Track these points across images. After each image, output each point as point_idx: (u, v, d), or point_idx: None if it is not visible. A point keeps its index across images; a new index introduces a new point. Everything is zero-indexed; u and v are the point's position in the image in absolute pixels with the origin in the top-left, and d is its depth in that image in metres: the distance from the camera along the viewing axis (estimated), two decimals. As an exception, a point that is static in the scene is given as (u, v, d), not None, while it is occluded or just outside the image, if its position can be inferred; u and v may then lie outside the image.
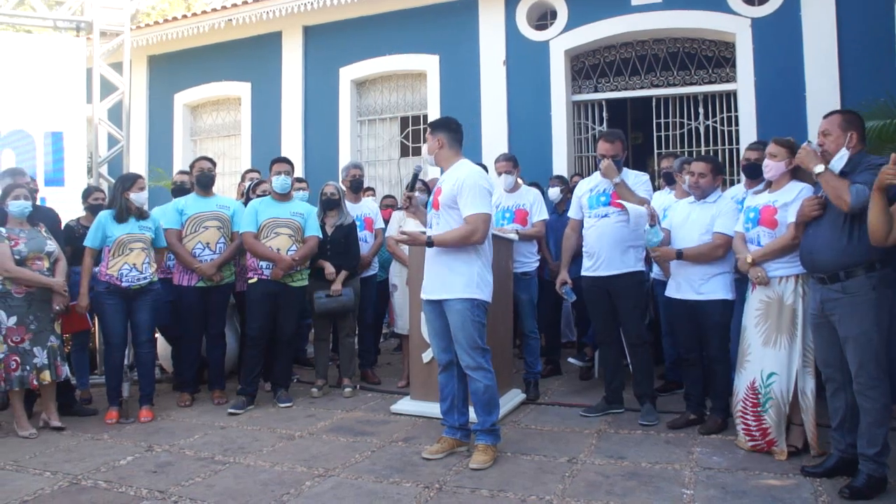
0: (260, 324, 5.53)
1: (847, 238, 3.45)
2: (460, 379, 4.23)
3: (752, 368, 4.09)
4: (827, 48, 7.66)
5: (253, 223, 5.55)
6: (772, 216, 4.04)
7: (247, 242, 5.54)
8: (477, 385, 4.06)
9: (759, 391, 4.05)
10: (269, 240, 5.52)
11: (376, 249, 6.47)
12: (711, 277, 4.49)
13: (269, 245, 5.50)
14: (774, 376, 3.99)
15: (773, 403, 4.01)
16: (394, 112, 10.31)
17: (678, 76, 8.74)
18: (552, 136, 8.93)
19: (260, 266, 5.53)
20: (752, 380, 4.09)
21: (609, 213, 4.91)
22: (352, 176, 6.50)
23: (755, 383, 4.07)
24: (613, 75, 9.05)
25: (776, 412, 4.00)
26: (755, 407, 4.07)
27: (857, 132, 3.58)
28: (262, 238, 5.52)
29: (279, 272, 5.49)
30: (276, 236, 5.54)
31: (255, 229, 5.53)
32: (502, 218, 5.77)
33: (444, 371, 4.27)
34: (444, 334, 4.17)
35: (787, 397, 3.98)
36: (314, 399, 5.79)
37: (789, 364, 3.97)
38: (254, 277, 5.57)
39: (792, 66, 7.82)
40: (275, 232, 5.54)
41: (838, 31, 7.64)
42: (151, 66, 11.80)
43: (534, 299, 5.80)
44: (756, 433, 4.09)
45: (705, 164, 4.64)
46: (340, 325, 6.08)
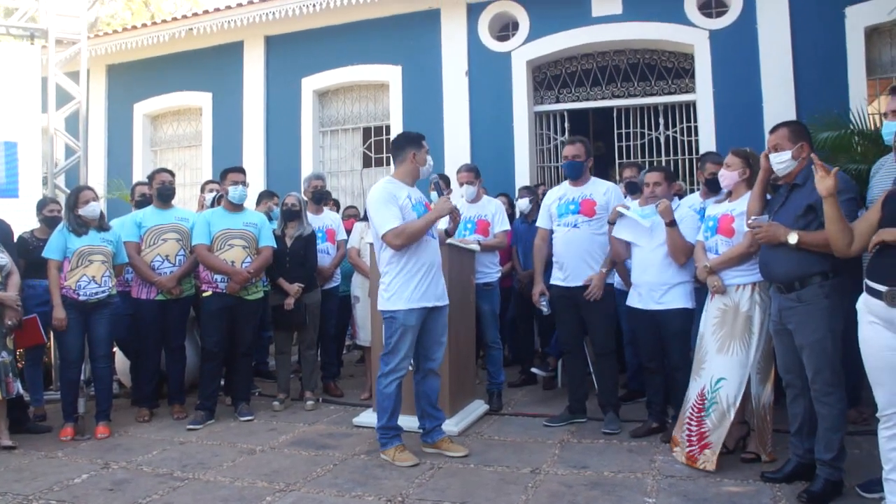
0: (216, 338, 5.46)
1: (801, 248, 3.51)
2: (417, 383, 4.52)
3: (705, 375, 4.12)
4: (782, 60, 7.82)
5: (206, 235, 5.47)
6: (729, 225, 4.10)
7: (200, 255, 5.46)
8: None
9: (706, 397, 4.07)
10: (222, 252, 5.46)
11: (338, 261, 6.43)
12: (672, 287, 4.54)
13: (223, 258, 5.44)
14: (722, 381, 4.01)
15: (716, 408, 4.01)
16: (356, 123, 10.27)
17: (638, 87, 8.84)
18: (514, 147, 8.96)
19: (215, 279, 5.46)
20: (702, 387, 4.12)
21: (578, 223, 4.92)
22: (314, 187, 6.46)
23: (704, 389, 4.09)
24: (575, 86, 9.12)
25: (718, 416, 4.00)
26: (700, 412, 4.09)
27: (806, 142, 3.67)
28: (215, 250, 5.46)
29: (235, 286, 5.44)
30: (229, 248, 5.48)
31: (208, 241, 5.46)
32: (464, 229, 5.75)
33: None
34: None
35: (733, 402, 3.97)
36: (276, 412, 5.73)
37: (741, 370, 3.99)
38: (208, 291, 5.50)
39: (749, 78, 7.96)
40: (228, 244, 5.48)
41: (793, 43, 7.79)
42: (110, 75, 11.61)
43: (496, 310, 5.80)
44: (694, 437, 4.08)
45: (658, 174, 4.72)
46: (301, 338, 6.03)
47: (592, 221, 4.88)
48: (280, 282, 5.80)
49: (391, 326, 4.27)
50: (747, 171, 4.08)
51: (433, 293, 4.33)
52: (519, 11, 9.05)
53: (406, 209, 4.28)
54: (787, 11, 7.85)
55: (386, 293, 4.28)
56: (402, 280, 4.24)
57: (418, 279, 4.25)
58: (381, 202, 4.26)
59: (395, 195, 4.29)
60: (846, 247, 3.25)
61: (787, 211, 3.65)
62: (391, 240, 4.20)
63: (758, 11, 7.98)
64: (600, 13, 8.63)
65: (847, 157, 6.00)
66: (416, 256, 4.27)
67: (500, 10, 9.15)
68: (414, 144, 4.45)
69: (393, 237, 4.18)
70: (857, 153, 6.09)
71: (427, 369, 4.46)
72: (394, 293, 4.25)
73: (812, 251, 3.46)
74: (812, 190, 3.46)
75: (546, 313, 5.09)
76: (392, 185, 4.37)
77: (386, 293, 4.28)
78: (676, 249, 4.47)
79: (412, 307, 4.23)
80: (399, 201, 4.27)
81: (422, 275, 4.27)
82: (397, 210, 4.23)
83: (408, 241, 4.20)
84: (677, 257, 4.49)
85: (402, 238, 4.18)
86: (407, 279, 4.24)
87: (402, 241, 4.19)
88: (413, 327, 4.25)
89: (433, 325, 4.40)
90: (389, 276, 4.28)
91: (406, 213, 4.26)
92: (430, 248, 4.35)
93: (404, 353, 4.27)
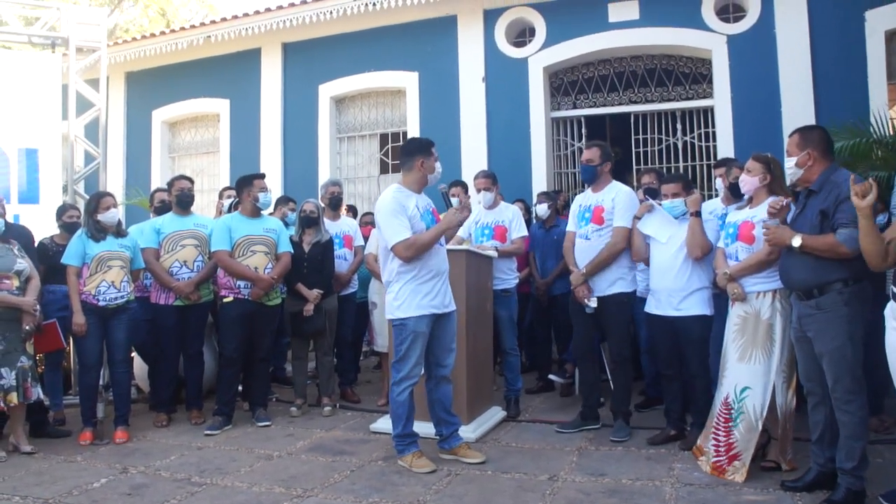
0: (236, 344, 5.48)
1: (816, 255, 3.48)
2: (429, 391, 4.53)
3: (728, 384, 4.08)
4: (801, 64, 7.78)
5: (227, 241, 5.48)
6: (749, 231, 4.07)
7: (223, 262, 5.47)
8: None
9: (731, 406, 4.04)
10: (245, 258, 5.48)
11: (355, 267, 6.45)
12: (690, 293, 4.52)
13: (245, 263, 5.46)
14: (748, 391, 3.98)
15: (744, 418, 3.98)
16: (373, 129, 10.31)
17: (656, 92, 8.83)
18: (531, 153, 8.97)
19: (238, 285, 5.47)
20: (725, 395, 4.09)
21: (589, 234, 4.93)
22: (331, 193, 6.49)
23: (728, 398, 4.06)
24: (592, 92, 9.12)
25: (746, 427, 3.97)
26: (727, 422, 4.05)
27: (816, 149, 3.62)
28: (237, 256, 5.48)
29: (260, 292, 5.47)
30: (252, 254, 5.50)
31: (229, 247, 5.47)
32: (481, 235, 5.77)
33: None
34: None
35: (759, 412, 3.94)
36: (293, 418, 5.74)
37: (764, 379, 3.95)
38: (229, 297, 5.51)
39: (767, 83, 7.92)
40: (251, 250, 5.50)
41: (812, 47, 7.75)
42: (129, 82, 11.75)
43: (513, 316, 5.80)
44: (722, 448, 4.05)
45: (676, 185, 4.66)
46: (319, 344, 6.05)
47: (603, 230, 4.88)
48: (299, 287, 5.82)
49: (401, 334, 4.29)
50: (768, 177, 4.06)
51: (441, 300, 4.34)
52: (536, 17, 9.07)
53: (415, 219, 4.28)
54: (805, 15, 7.81)
55: (395, 301, 4.30)
56: (412, 287, 4.25)
57: (428, 287, 4.27)
58: (390, 213, 4.26)
59: (404, 205, 4.28)
60: (881, 260, 3.19)
61: (805, 217, 3.63)
62: (401, 252, 4.20)
63: (776, 16, 7.96)
64: (617, 19, 8.64)
65: (867, 165, 5.96)
66: (426, 264, 4.28)
67: (516, 16, 9.17)
68: (423, 152, 4.43)
69: (403, 249, 4.19)
70: (878, 159, 6.05)
71: (439, 376, 4.46)
72: (403, 301, 4.26)
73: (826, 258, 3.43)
74: (826, 196, 3.45)
75: (592, 310, 4.90)
76: (401, 193, 4.36)
77: (395, 301, 4.30)
78: (695, 242, 4.46)
79: (423, 314, 4.24)
80: (408, 211, 4.27)
81: (431, 282, 4.28)
82: (406, 221, 4.23)
83: (418, 253, 4.22)
84: (693, 249, 4.46)
85: (413, 250, 4.20)
86: (416, 287, 4.25)
87: (412, 254, 4.21)
88: (423, 334, 4.26)
89: (442, 333, 4.40)
90: (398, 283, 4.29)
91: (415, 223, 4.26)
92: (438, 255, 4.37)
93: (415, 359, 4.28)
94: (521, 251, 5.92)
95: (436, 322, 4.34)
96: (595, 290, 4.88)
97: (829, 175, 3.54)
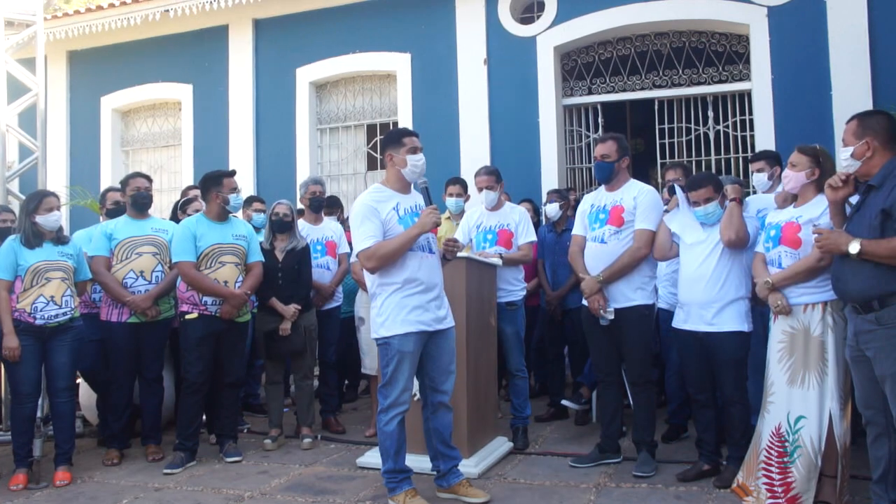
0: (201, 367, 5.40)
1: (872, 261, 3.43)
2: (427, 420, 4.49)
3: (777, 411, 4.04)
4: (856, 40, 7.71)
5: (191, 250, 5.38)
6: (795, 234, 4.03)
7: (187, 275, 5.37)
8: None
9: (785, 438, 3.99)
10: (213, 271, 5.42)
11: (340, 277, 6.43)
12: (724, 306, 4.46)
13: (214, 277, 5.41)
14: (803, 420, 3.93)
15: (801, 453, 3.93)
16: (359, 119, 10.31)
17: (684, 75, 8.81)
18: (540, 146, 8.96)
19: (203, 300, 5.41)
20: (777, 425, 4.04)
21: (606, 237, 4.88)
22: (311, 193, 6.45)
23: (781, 429, 4.01)
24: (610, 75, 9.11)
25: (805, 464, 3.92)
26: (781, 457, 4.00)
27: (877, 137, 3.56)
28: (204, 269, 5.41)
29: (232, 310, 5.43)
30: (221, 266, 5.44)
31: (194, 258, 5.39)
32: (483, 240, 5.74)
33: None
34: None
35: (818, 446, 3.89)
36: (267, 452, 5.71)
37: (820, 406, 3.90)
38: (193, 313, 5.43)
39: (815, 62, 7.88)
40: (220, 261, 5.44)
41: (869, 20, 7.69)
42: (73, 63, 11.68)
43: (521, 333, 5.77)
44: (778, 489, 3.99)
45: (705, 190, 4.55)
46: (297, 366, 6.01)
47: (622, 232, 4.84)
48: (273, 303, 5.78)
49: (386, 354, 4.26)
50: (816, 171, 4.02)
51: (433, 316, 4.29)
52: (544, -11, 9.06)
53: (391, 223, 4.23)
54: (863, -18, 7.74)
55: (379, 318, 4.26)
56: (396, 301, 4.21)
57: (415, 300, 4.22)
58: (359, 216, 4.24)
59: (377, 209, 4.24)
60: None
61: (862, 217, 3.56)
62: (363, 262, 4.20)
63: (827, -18, 7.90)
64: (639, -10, 8.62)
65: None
66: (409, 275, 4.23)
67: (523, -12, 9.17)
68: (391, 143, 4.39)
69: (364, 259, 4.18)
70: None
71: (437, 403, 4.41)
72: (387, 316, 4.22)
73: (889, 264, 3.38)
74: (889, 192, 3.38)
75: (607, 321, 4.85)
76: (378, 194, 4.33)
77: (379, 318, 4.26)
78: (730, 224, 4.40)
79: (409, 331, 4.19)
80: (382, 214, 4.23)
81: (419, 296, 4.23)
82: (376, 226, 4.19)
83: (381, 263, 4.17)
84: (726, 231, 4.40)
85: (375, 260, 4.16)
86: (401, 300, 4.21)
87: (375, 264, 4.17)
88: (410, 354, 4.22)
89: (438, 352, 4.36)
90: (382, 297, 4.26)
91: (391, 229, 4.23)
92: (426, 265, 4.30)
93: (403, 383, 4.24)
94: (528, 258, 5.89)
95: (430, 341, 4.30)
96: (612, 300, 4.84)
97: (892, 168, 3.49)
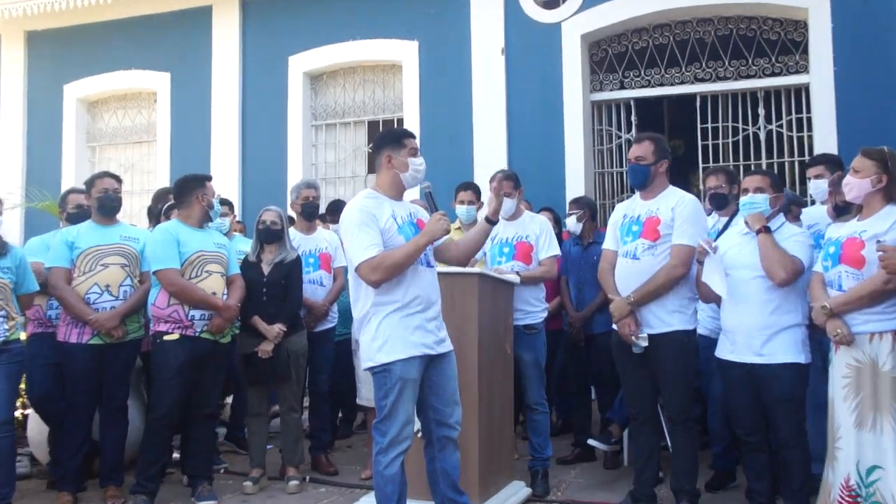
0: (176, 396, 5.37)
1: None
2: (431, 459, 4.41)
3: (846, 459, 3.99)
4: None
5: (174, 256, 5.38)
6: (857, 252, 4.00)
7: (175, 284, 5.33)
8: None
9: (857, 493, 3.93)
10: (199, 280, 5.43)
11: (335, 295, 6.43)
12: (777, 333, 4.43)
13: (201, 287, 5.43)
14: (878, 472, 3.88)
15: None
16: (359, 115, 10.34)
17: (731, 67, 8.76)
18: (565, 147, 8.95)
19: (190, 317, 5.37)
20: (846, 476, 3.98)
21: (638, 252, 4.84)
22: (304, 198, 6.45)
23: (850, 481, 3.96)
24: (645, 67, 9.08)
25: None
26: None
27: None
28: (188, 278, 5.40)
29: (224, 324, 5.44)
30: (207, 276, 5.45)
31: (178, 265, 5.38)
32: (499, 254, 5.73)
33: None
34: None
35: None
36: (247, 496, 5.69)
37: (896, 455, 3.87)
38: (173, 333, 5.39)
39: (884, 52, 7.85)
40: (205, 270, 5.45)
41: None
42: (31, 45, 11.72)
43: (541, 360, 5.74)
44: None
45: (760, 177, 4.58)
46: (282, 396, 5.99)
47: (657, 247, 4.80)
48: (255, 322, 5.77)
49: (385, 383, 4.15)
50: (884, 178, 3.98)
51: (434, 338, 4.25)
52: (572, -31, 9.07)
53: (390, 233, 4.20)
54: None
55: (375, 341, 4.17)
56: (396, 321, 4.15)
57: (417, 320, 4.18)
58: (355, 224, 4.19)
59: (375, 215, 4.21)
60: None
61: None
62: (366, 274, 4.12)
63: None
64: (679, -31, 8.63)
65: None
66: (410, 290, 4.19)
67: (547, -33, 9.18)
68: (389, 144, 4.37)
69: (369, 271, 4.10)
70: None
71: (444, 438, 4.34)
72: (386, 340, 4.14)
73: None
74: None
75: (640, 349, 4.80)
76: (373, 200, 4.29)
77: (375, 341, 4.17)
78: (771, 259, 4.35)
79: (413, 355, 4.14)
80: (381, 222, 4.19)
81: (419, 315, 4.19)
82: (375, 234, 4.15)
83: (388, 275, 4.11)
84: (773, 271, 4.35)
85: (381, 272, 4.09)
86: (402, 320, 4.15)
87: (381, 276, 4.10)
88: (413, 381, 4.16)
89: (442, 380, 4.30)
90: (378, 318, 4.18)
91: (390, 239, 4.19)
92: (423, 280, 4.27)
93: (405, 416, 4.16)
94: (550, 275, 5.87)
95: (431, 367, 4.25)
96: (645, 324, 4.79)
97: None
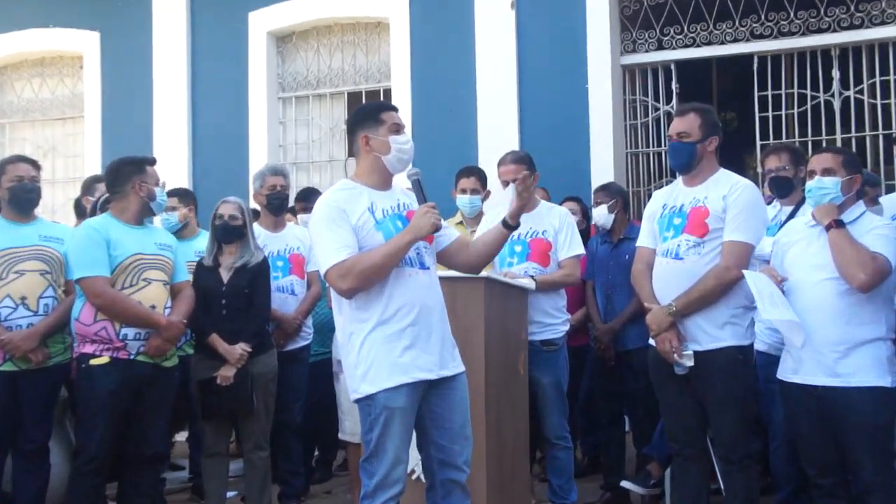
0: (108, 435, 5.33)
1: None
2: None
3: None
4: None
5: (103, 262, 5.31)
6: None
7: (102, 296, 5.28)
8: None
9: None
10: (136, 290, 5.38)
11: (310, 305, 6.49)
12: (855, 348, 4.38)
13: (137, 299, 5.37)
14: None
15: None
16: (337, 84, 10.37)
17: (797, 20, 8.71)
18: (590, 122, 8.97)
19: (122, 336, 5.33)
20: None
21: (681, 251, 4.79)
22: (270, 187, 6.51)
23: None
24: (688, 22, 9.05)
25: None
26: None
27: None
28: (121, 287, 5.36)
29: (165, 345, 5.40)
30: (146, 284, 5.41)
31: (108, 272, 5.33)
32: (510, 254, 5.70)
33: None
34: None
35: None
36: (202, 554, 5.67)
37: None
38: (102, 356, 5.35)
39: None
40: (143, 278, 5.41)
41: None
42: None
43: (562, 384, 5.76)
44: None
45: (832, 156, 4.54)
46: (246, 431, 5.98)
47: (705, 245, 4.75)
48: (213, 341, 5.75)
49: (369, 415, 4.14)
50: None
51: (433, 358, 4.20)
52: None
53: (365, 230, 4.17)
54: None
55: (358, 368, 4.16)
56: (380, 340, 4.11)
57: (405, 339, 4.13)
58: (321, 223, 4.20)
59: (345, 210, 4.18)
60: None
61: None
62: (335, 282, 4.11)
63: None
64: None
65: None
66: (392, 301, 4.15)
67: None
68: (364, 122, 4.36)
69: (337, 277, 4.08)
70: None
71: (449, 483, 4.29)
72: (370, 365, 4.11)
73: None
74: None
75: (685, 370, 4.76)
76: (345, 192, 4.29)
77: (358, 368, 4.16)
78: (847, 260, 4.29)
79: (402, 382, 4.09)
80: (353, 218, 4.18)
81: (409, 330, 4.15)
82: (346, 233, 4.13)
83: (361, 282, 4.08)
84: (851, 272, 4.29)
85: (352, 279, 4.06)
86: (385, 339, 4.12)
87: (353, 284, 4.07)
88: (402, 410, 4.11)
89: (446, 410, 4.26)
90: (357, 338, 4.17)
91: (366, 238, 4.17)
92: (412, 285, 4.23)
93: (393, 454, 4.11)
94: (573, 279, 5.89)
95: (432, 394, 4.22)
96: (690, 339, 4.75)
97: None
